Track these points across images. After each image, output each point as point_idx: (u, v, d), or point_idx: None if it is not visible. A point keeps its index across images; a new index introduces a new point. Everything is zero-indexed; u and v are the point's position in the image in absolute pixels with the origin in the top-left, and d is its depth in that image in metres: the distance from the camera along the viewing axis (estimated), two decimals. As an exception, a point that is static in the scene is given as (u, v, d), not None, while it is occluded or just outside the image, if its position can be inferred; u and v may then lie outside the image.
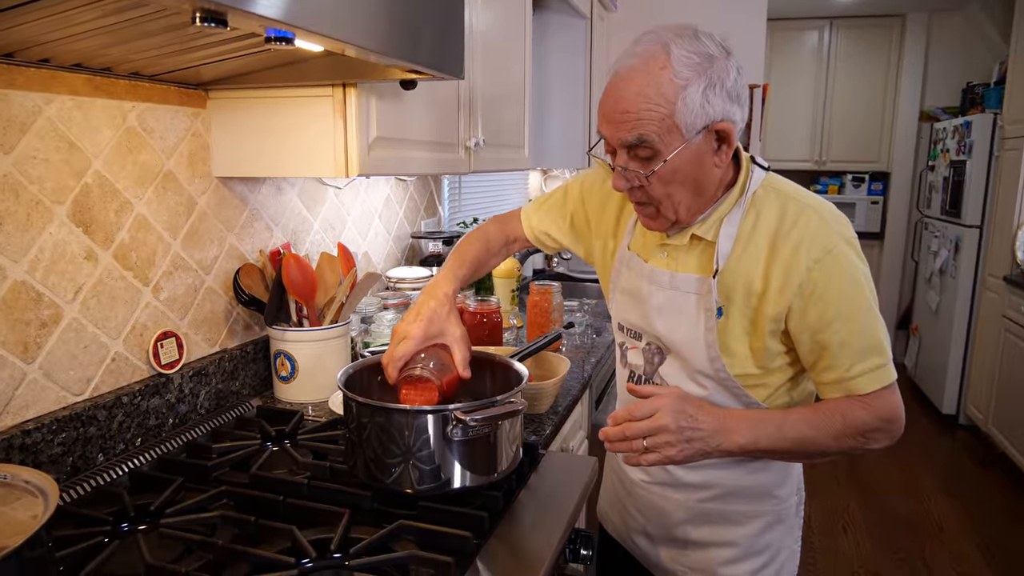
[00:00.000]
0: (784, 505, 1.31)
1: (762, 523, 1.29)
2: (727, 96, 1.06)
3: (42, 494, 0.79)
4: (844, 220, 1.14)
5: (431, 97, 1.68)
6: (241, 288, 1.60)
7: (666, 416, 1.05)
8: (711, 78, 1.04)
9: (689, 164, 1.09)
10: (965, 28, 5.35)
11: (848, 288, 1.10)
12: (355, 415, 1.12)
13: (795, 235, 1.11)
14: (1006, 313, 3.88)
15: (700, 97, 1.04)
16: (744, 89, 1.10)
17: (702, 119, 1.05)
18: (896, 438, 1.16)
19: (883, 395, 1.12)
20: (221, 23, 0.75)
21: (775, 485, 1.28)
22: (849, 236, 1.13)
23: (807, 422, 1.12)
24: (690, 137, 1.06)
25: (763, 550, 1.30)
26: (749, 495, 1.28)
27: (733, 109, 1.07)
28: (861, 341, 1.10)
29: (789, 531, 1.33)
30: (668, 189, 1.11)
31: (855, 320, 1.10)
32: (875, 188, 5.75)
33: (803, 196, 1.16)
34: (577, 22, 3.48)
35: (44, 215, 1.18)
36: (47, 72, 1.16)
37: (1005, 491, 3.65)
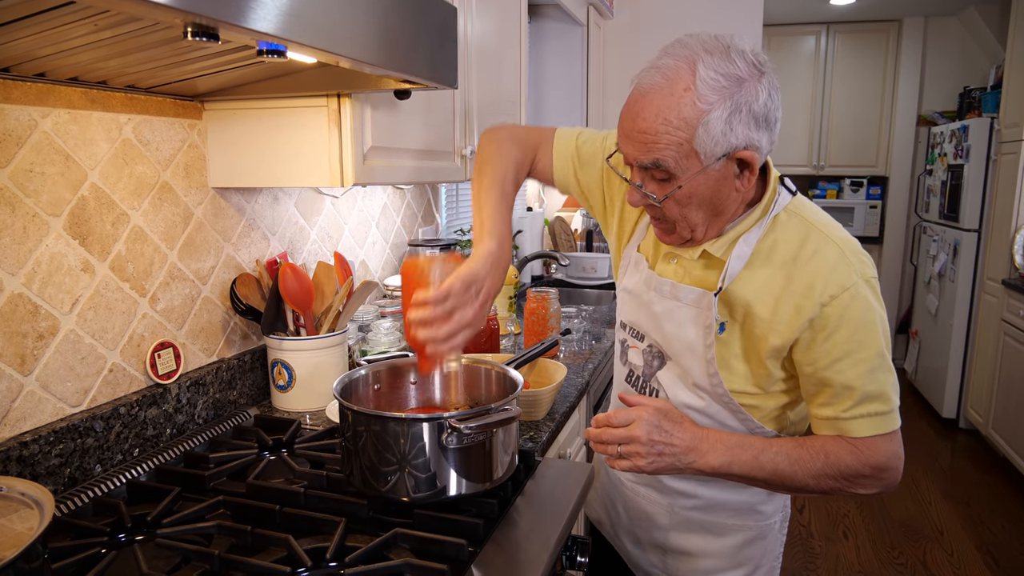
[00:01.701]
0: (768, 521, 1.30)
1: (744, 537, 1.29)
2: (753, 121, 1.00)
3: (38, 506, 0.80)
4: (867, 259, 1.09)
5: (426, 106, 1.69)
6: (238, 298, 1.61)
7: (639, 429, 1.07)
8: (737, 103, 0.99)
9: (707, 189, 1.05)
10: (961, 32, 5.37)
11: (860, 329, 1.05)
12: (351, 424, 1.13)
13: (812, 267, 1.07)
14: (1005, 317, 3.88)
15: (723, 124, 0.99)
16: (776, 110, 1.04)
17: (723, 147, 1.00)
18: (890, 486, 1.12)
19: (876, 442, 1.08)
20: (213, 37, 0.76)
21: (760, 502, 1.28)
22: (869, 276, 1.07)
23: (786, 456, 1.10)
24: (708, 164, 1.02)
25: (743, 563, 1.30)
26: (733, 508, 1.28)
27: (759, 136, 1.02)
28: (865, 386, 1.06)
29: (771, 547, 1.33)
30: (684, 211, 1.09)
31: (863, 363, 1.06)
32: (873, 192, 5.76)
33: (828, 227, 1.11)
34: (573, 29, 3.50)
35: (41, 227, 1.18)
36: (43, 86, 1.17)
37: (1006, 495, 3.64)
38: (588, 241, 3.92)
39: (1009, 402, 3.79)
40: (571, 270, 3.52)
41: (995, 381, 3.97)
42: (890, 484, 1.11)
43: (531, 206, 4.03)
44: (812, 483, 1.10)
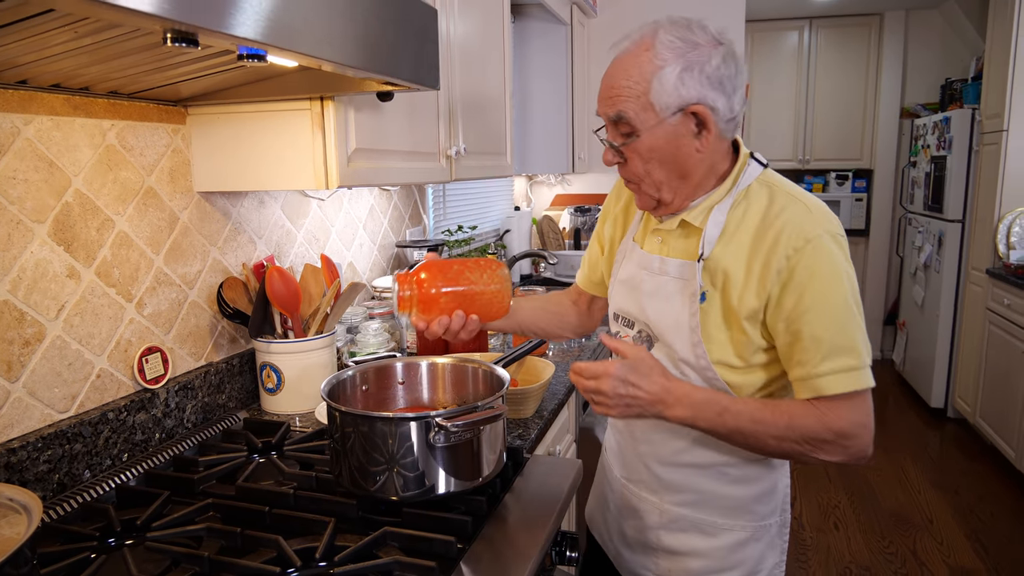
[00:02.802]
0: (762, 523, 1.27)
1: (736, 538, 1.26)
2: (706, 80, 1.08)
3: (25, 511, 0.80)
4: (833, 218, 1.13)
5: (410, 107, 1.69)
6: (225, 302, 1.61)
7: (606, 384, 1.11)
8: (690, 61, 1.08)
9: (666, 143, 1.12)
10: (942, 25, 5.41)
11: (826, 280, 1.08)
12: (339, 424, 1.13)
13: (778, 224, 1.11)
14: (990, 306, 3.92)
15: (675, 79, 1.08)
16: (733, 79, 1.10)
17: (676, 100, 1.09)
18: (856, 456, 1.11)
19: (840, 406, 1.09)
20: (192, 43, 0.77)
21: (753, 500, 1.26)
22: (835, 231, 1.11)
23: (750, 416, 1.11)
24: (665, 116, 1.10)
25: (735, 566, 1.27)
26: (725, 506, 1.26)
27: (713, 95, 1.09)
28: (833, 337, 1.08)
29: (768, 551, 1.29)
30: (647, 167, 1.16)
31: (830, 314, 1.08)
32: (859, 185, 5.80)
33: (795, 191, 1.16)
34: (557, 28, 3.51)
35: (25, 234, 1.19)
36: (25, 93, 1.17)
37: (994, 482, 3.68)
38: (576, 239, 3.93)
39: (995, 390, 3.83)
40: (559, 268, 3.54)
41: (981, 370, 4.01)
42: (856, 454, 1.10)
43: (519, 205, 4.05)
44: (774, 444, 1.11)
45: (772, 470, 1.26)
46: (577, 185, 4.35)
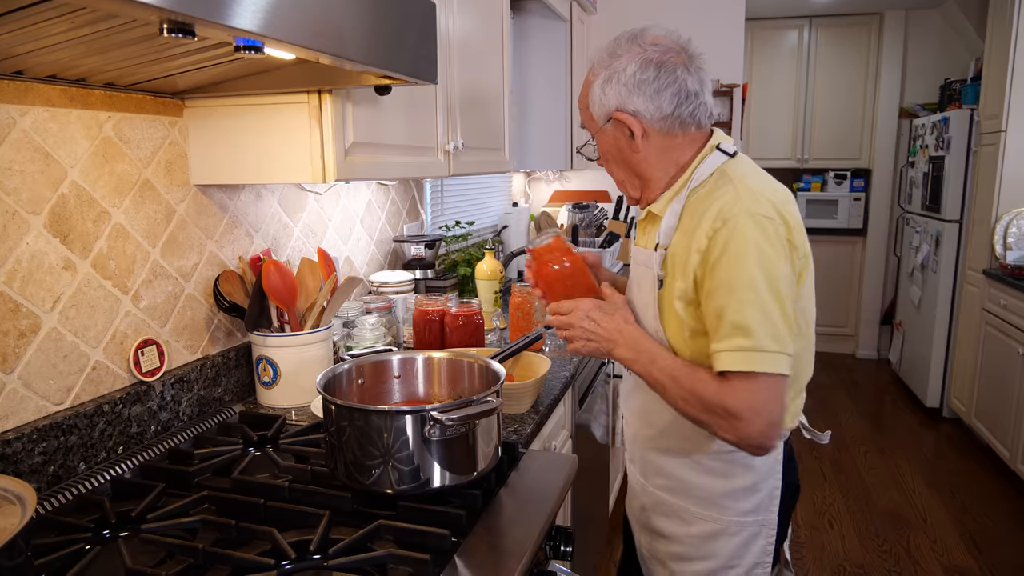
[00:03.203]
0: (738, 520, 1.27)
1: (709, 529, 1.28)
2: (624, 88, 1.18)
3: (20, 501, 0.80)
4: (764, 201, 1.12)
5: (408, 101, 1.69)
6: (221, 295, 1.61)
7: (574, 317, 1.26)
8: (610, 73, 1.20)
9: (610, 147, 1.27)
10: (942, 25, 5.41)
11: (734, 258, 1.09)
12: (334, 418, 1.13)
13: (709, 209, 1.14)
14: (986, 306, 3.92)
15: (599, 91, 1.22)
16: (653, 82, 1.17)
17: (603, 109, 1.23)
18: (745, 441, 1.09)
19: (739, 386, 1.08)
20: (188, 34, 0.77)
21: (725, 495, 1.27)
22: (759, 212, 1.10)
23: (671, 372, 1.16)
24: (601, 124, 1.24)
25: (709, 557, 1.29)
26: (696, 496, 1.29)
27: (633, 100, 1.18)
28: (732, 315, 1.08)
29: (744, 550, 1.28)
30: (609, 167, 1.31)
31: (733, 292, 1.08)
32: (857, 185, 5.80)
33: (741, 177, 1.17)
34: (557, 24, 3.50)
35: (21, 226, 1.18)
36: (21, 84, 1.17)
37: (988, 482, 3.69)
38: (574, 236, 3.93)
39: (991, 391, 3.84)
40: (557, 265, 3.53)
41: (977, 370, 4.02)
42: (744, 438, 1.09)
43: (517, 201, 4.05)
44: (682, 405, 1.15)
45: (750, 470, 1.26)
46: (575, 182, 4.35)
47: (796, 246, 1.15)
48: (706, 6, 4.04)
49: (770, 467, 1.28)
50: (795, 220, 1.17)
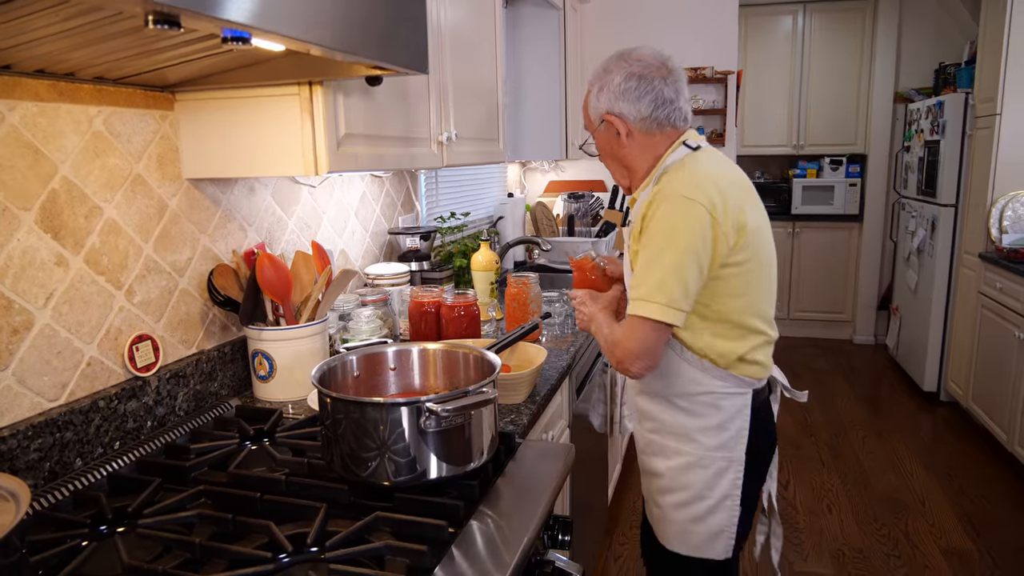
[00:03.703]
0: (708, 454, 1.49)
1: (684, 461, 1.51)
2: (613, 95, 1.47)
3: (14, 498, 0.80)
4: (690, 185, 1.37)
5: (400, 92, 1.68)
6: (216, 289, 1.60)
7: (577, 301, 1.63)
8: (602, 83, 1.49)
9: (605, 144, 1.56)
10: (936, 9, 5.39)
11: (655, 229, 1.37)
12: (330, 411, 1.13)
13: (663, 189, 1.40)
14: (982, 290, 3.93)
15: (594, 98, 1.52)
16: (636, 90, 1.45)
17: (597, 112, 1.52)
18: (615, 362, 1.43)
19: (630, 323, 1.39)
20: (174, 25, 0.76)
21: (698, 431, 1.50)
22: (683, 194, 1.36)
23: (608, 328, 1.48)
24: (596, 125, 1.54)
25: (685, 487, 1.52)
26: (673, 432, 1.52)
27: (619, 104, 1.47)
28: (640, 275, 1.38)
29: (715, 481, 1.50)
30: (605, 162, 1.61)
31: (646, 256, 1.37)
32: (853, 170, 5.79)
33: (694, 165, 1.43)
34: (550, 13, 3.49)
35: (11, 222, 1.18)
36: (9, 79, 1.16)
37: (986, 465, 3.70)
38: (570, 226, 3.93)
39: (988, 374, 3.85)
40: (553, 255, 3.53)
41: (974, 353, 4.03)
42: (619, 361, 1.41)
43: (512, 192, 4.04)
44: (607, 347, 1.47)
45: (719, 410, 1.48)
46: (571, 171, 4.34)
47: (719, 221, 1.36)
48: (700, -7, 4.02)
49: (737, 409, 1.49)
50: (732, 201, 1.39)
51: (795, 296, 6.01)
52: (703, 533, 1.52)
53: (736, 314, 1.43)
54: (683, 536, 1.54)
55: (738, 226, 1.38)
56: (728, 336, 1.44)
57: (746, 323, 1.45)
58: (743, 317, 1.44)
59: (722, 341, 1.44)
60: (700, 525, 1.51)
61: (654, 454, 1.57)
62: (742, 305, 1.43)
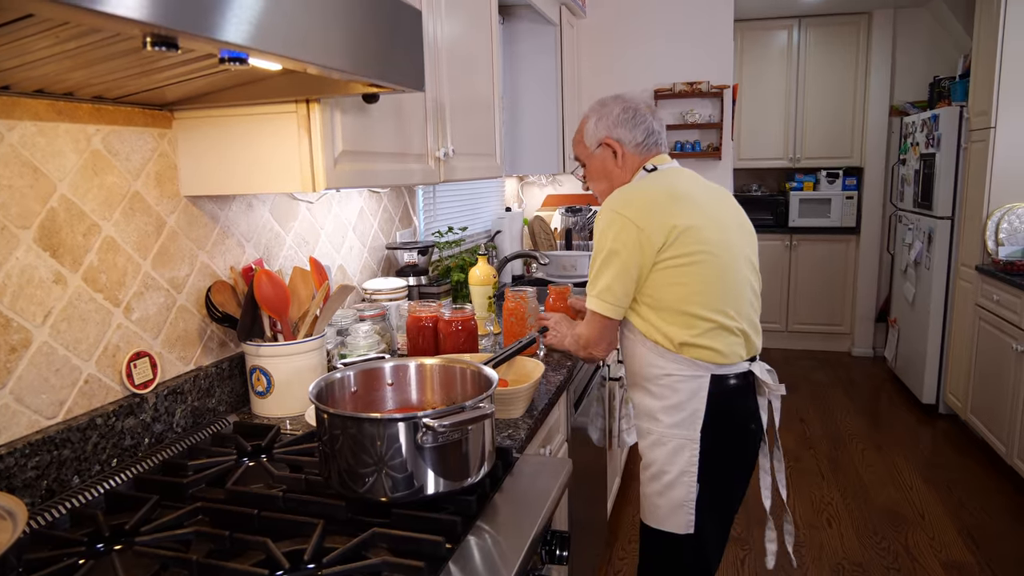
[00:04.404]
0: (666, 431, 1.69)
1: (650, 440, 1.73)
2: (612, 124, 1.76)
3: (11, 517, 0.80)
4: (624, 199, 1.64)
5: (397, 109, 1.70)
6: (214, 305, 1.61)
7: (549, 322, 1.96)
8: (600, 114, 1.78)
9: (599, 165, 1.81)
10: (930, 23, 5.44)
11: (597, 239, 1.66)
12: (327, 427, 1.14)
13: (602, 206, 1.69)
14: (979, 302, 3.94)
15: (593, 126, 1.79)
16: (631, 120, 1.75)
17: (595, 138, 1.79)
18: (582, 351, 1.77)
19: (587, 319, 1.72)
20: (172, 47, 0.77)
21: (661, 411, 1.70)
22: (614, 208, 1.63)
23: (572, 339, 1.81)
24: (592, 149, 1.81)
25: (652, 463, 1.73)
26: (645, 413, 1.74)
27: (619, 131, 1.75)
28: (591, 277, 1.68)
29: (673, 458, 1.68)
30: (594, 183, 1.86)
31: (594, 262, 1.67)
32: (849, 183, 5.82)
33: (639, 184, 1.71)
34: (546, 29, 3.52)
35: (10, 240, 1.18)
36: (8, 99, 1.17)
37: (985, 478, 3.69)
38: (568, 240, 3.94)
39: (986, 386, 3.85)
40: (551, 269, 3.54)
41: (972, 366, 4.03)
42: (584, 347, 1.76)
43: (510, 206, 4.05)
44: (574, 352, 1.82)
45: (676, 392, 1.66)
46: (568, 185, 4.36)
47: (641, 228, 1.58)
48: (695, 8, 4.06)
49: (693, 391, 1.66)
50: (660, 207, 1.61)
51: (793, 308, 6.01)
52: (665, 506, 1.71)
53: (677, 302, 1.62)
54: (652, 509, 1.75)
55: (666, 228, 1.59)
56: (673, 322, 1.63)
57: (689, 310, 1.62)
58: (685, 305, 1.62)
59: (667, 326, 1.64)
60: (662, 499, 1.71)
61: (639, 436, 1.79)
62: (682, 294, 1.61)
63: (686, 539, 1.70)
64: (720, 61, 4.13)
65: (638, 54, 4.13)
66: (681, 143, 4.27)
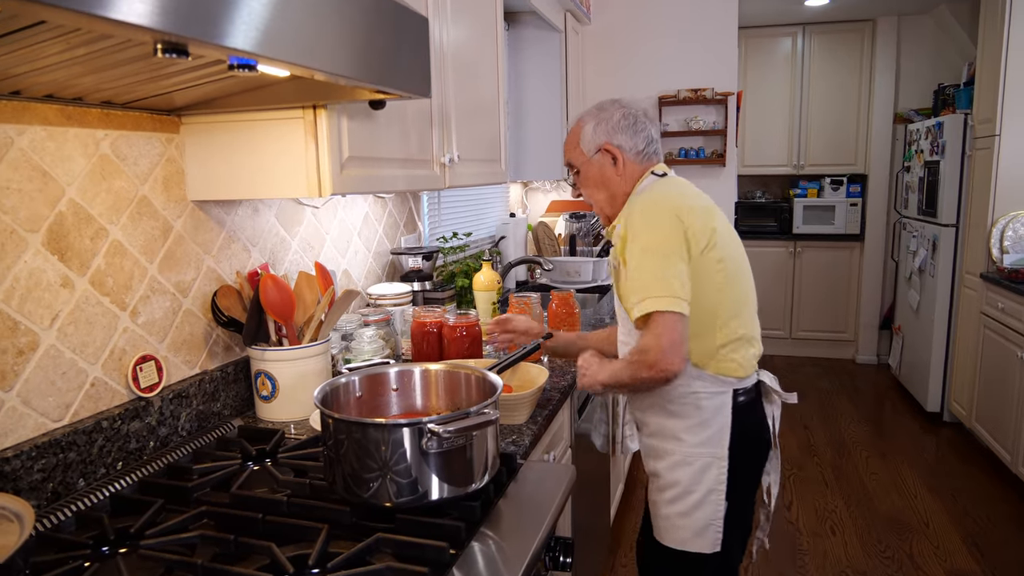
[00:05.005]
0: (691, 450, 1.60)
1: (673, 460, 1.62)
2: (611, 129, 1.67)
3: (18, 519, 0.80)
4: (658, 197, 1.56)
5: (403, 115, 1.70)
6: (219, 310, 1.61)
7: (580, 360, 1.67)
8: (599, 119, 1.69)
9: (596, 172, 1.70)
10: (934, 30, 5.44)
11: (631, 240, 1.52)
12: (332, 431, 1.14)
13: (630, 207, 1.58)
14: (984, 310, 3.93)
15: (592, 131, 1.69)
16: (631, 127, 1.67)
17: (594, 143, 1.69)
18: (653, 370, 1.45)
19: (644, 328, 1.48)
20: (182, 54, 0.78)
21: (683, 431, 1.61)
22: (644, 209, 1.53)
23: (621, 362, 1.56)
24: (590, 155, 1.70)
25: (674, 484, 1.62)
26: (665, 434, 1.63)
27: (618, 137, 1.67)
28: (633, 280, 1.49)
29: (700, 477, 1.60)
30: (589, 191, 1.74)
31: (632, 264, 1.50)
32: (853, 190, 5.81)
33: (660, 188, 1.61)
34: (551, 35, 3.53)
35: (19, 244, 1.19)
36: (18, 104, 1.18)
37: (990, 486, 3.68)
38: (572, 245, 3.94)
39: (991, 394, 3.84)
40: (555, 275, 3.54)
41: (977, 374, 4.02)
42: (651, 365, 1.45)
43: (514, 212, 4.06)
44: (626, 376, 1.52)
45: (700, 410, 1.59)
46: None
47: (688, 228, 1.51)
48: (699, 15, 4.07)
49: (717, 408, 1.59)
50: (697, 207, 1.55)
51: (797, 316, 6.00)
52: (690, 527, 1.61)
53: (706, 312, 1.54)
54: (673, 530, 1.64)
55: (707, 229, 1.53)
56: (697, 334, 1.55)
57: (716, 321, 1.56)
58: (712, 316, 1.55)
59: (695, 340, 1.55)
60: (687, 519, 1.61)
61: (652, 457, 1.69)
62: (714, 302, 1.55)
63: (711, 558, 1.62)
64: (724, 68, 4.13)
65: (643, 61, 4.14)
66: (685, 150, 4.28)
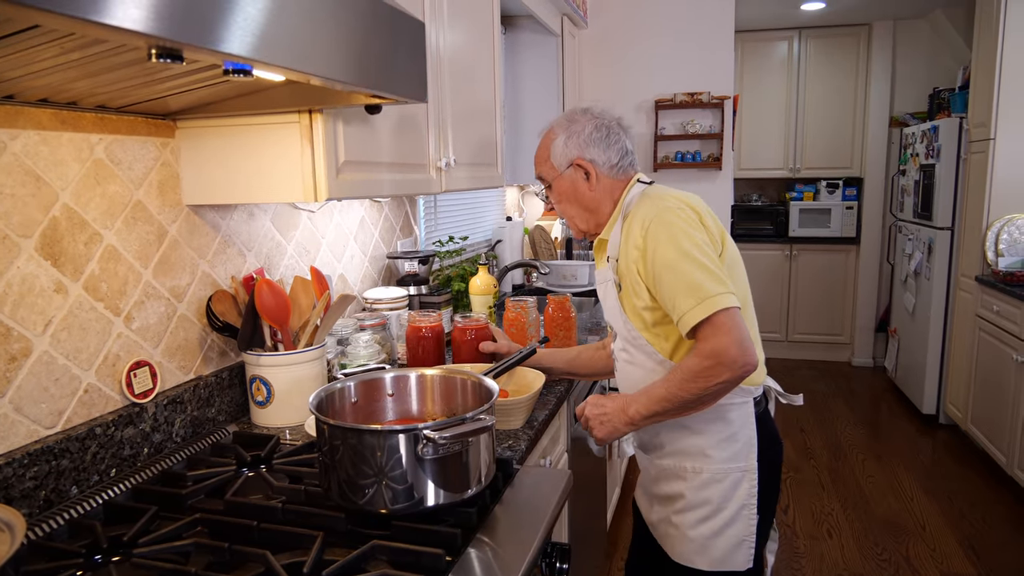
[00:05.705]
0: (721, 467, 1.52)
1: (701, 479, 1.53)
2: (583, 142, 1.58)
3: (9, 528, 0.80)
4: (668, 200, 1.47)
5: (399, 119, 1.70)
6: (214, 315, 1.61)
7: (586, 410, 1.56)
8: (570, 132, 1.59)
9: (568, 188, 1.61)
10: (930, 34, 5.46)
11: (665, 245, 1.41)
12: (327, 437, 1.13)
13: (637, 217, 1.48)
14: (979, 312, 3.94)
15: (563, 145, 1.60)
16: (603, 139, 1.58)
17: (565, 158, 1.60)
18: (735, 369, 1.34)
19: (705, 332, 1.36)
20: (177, 59, 0.77)
21: (708, 447, 1.52)
22: (666, 207, 1.45)
23: (663, 383, 1.43)
24: (561, 170, 1.61)
25: (704, 503, 1.53)
26: (688, 453, 1.54)
27: (590, 151, 1.58)
28: (680, 284, 1.38)
29: (731, 493, 1.52)
30: (563, 206, 1.65)
31: (674, 269, 1.39)
32: (849, 194, 5.83)
33: (657, 193, 1.52)
34: (548, 39, 3.53)
35: (11, 249, 1.18)
36: (11, 108, 1.17)
37: (986, 488, 3.69)
38: (568, 249, 3.94)
39: (986, 397, 3.85)
40: (551, 278, 3.54)
41: (972, 376, 4.03)
42: (732, 365, 1.34)
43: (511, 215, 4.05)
44: (685, 392, 1.39)
45: (726, 423, 1.52)
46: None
47: (707, 226, 1.46)
48: (696, 19, 4.08)
49: (743, 419, 1.53)
50: (703, 209, 1.49)
51: (793, 318, 6.01)
52: (724, 546, 1.53)
53: None
54: (704, 551, 1.54)
55: (719, 229, 1.51)
56: None
57: None
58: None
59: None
60: (720, 538, 1.53)
61: (668, 479, 1.58)
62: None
63: (744, 574, 1.56)
64: (721, 72, 4.14)
65: (639, 64, 4.15)
66: (682, 153, 4.28)
